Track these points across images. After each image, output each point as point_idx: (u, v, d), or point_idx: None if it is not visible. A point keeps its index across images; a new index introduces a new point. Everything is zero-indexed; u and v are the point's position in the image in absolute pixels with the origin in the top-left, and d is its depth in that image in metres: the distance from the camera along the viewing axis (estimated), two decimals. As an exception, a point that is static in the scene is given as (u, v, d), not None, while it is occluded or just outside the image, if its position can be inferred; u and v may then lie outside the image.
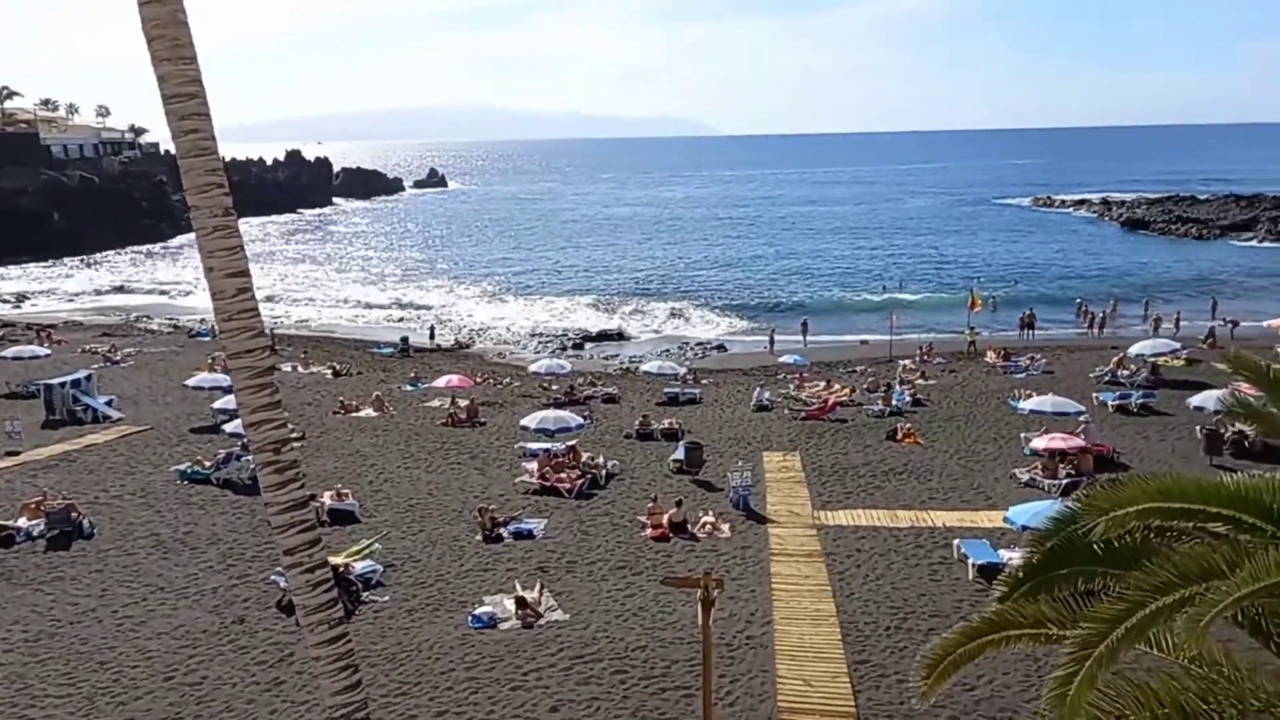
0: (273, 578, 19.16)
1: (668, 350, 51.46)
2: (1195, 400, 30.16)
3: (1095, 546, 8.20)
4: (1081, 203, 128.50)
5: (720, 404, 36.42)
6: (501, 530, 22.34)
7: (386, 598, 19.05)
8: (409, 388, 39.93)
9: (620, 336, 56.62)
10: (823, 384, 38.31)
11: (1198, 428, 28.56)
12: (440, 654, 16.64)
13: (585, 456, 27.19)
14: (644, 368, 42.73)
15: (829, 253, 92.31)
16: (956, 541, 20.83)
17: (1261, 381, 8.42)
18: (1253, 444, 26.66)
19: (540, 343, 54.76)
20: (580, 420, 30.28)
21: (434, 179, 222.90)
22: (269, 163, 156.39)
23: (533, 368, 42.13)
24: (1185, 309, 54.03)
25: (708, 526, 22.49)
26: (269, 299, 67.93)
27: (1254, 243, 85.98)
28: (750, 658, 16.38)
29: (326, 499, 23.40)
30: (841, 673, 15.77)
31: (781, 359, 46.00)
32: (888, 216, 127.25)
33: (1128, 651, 6.46)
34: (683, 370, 41.63)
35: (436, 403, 36.30)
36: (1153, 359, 38.11)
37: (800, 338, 52.99)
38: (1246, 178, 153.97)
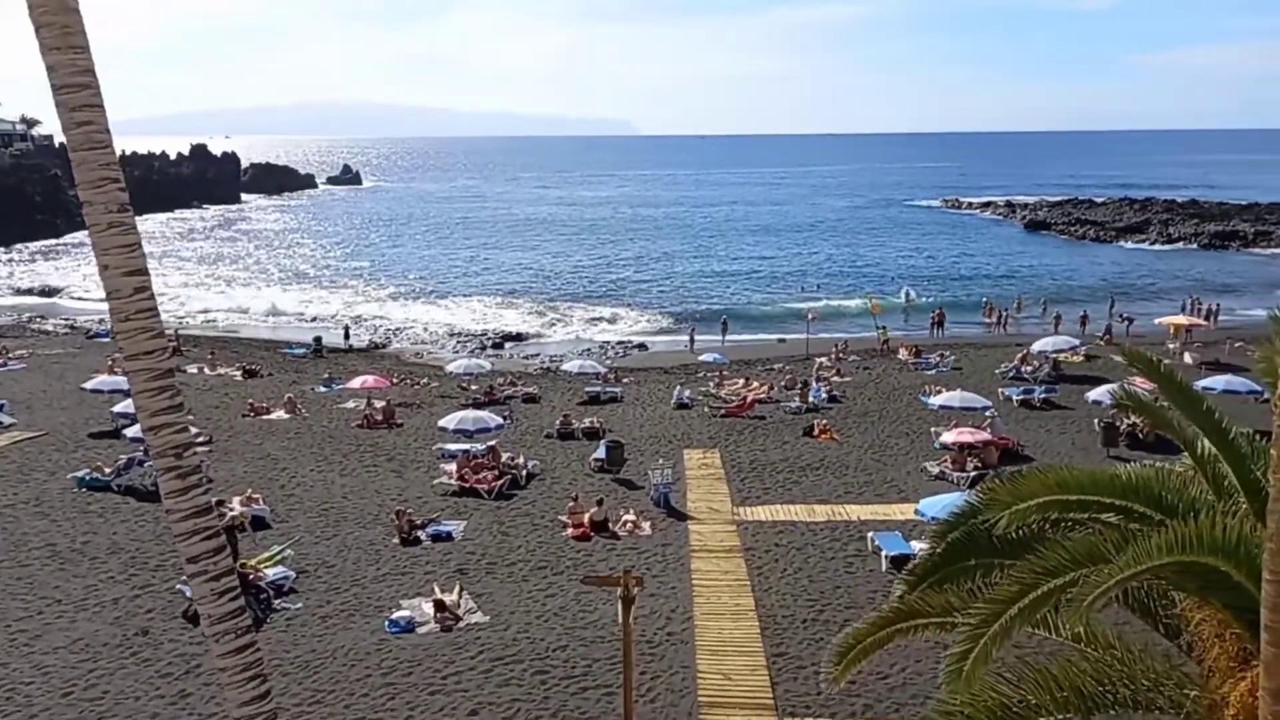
0: (178, 587, 18.47)
1: (589, 349, 51.41)
2: (1093, 394, 31.60)
3: (995, 539, 8.52)
4: (987, 205, 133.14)
5: (641, 402, 36.56)
6: (419, 533, 21.99)
7: (299, 605, 18.55)
8: (322, 389, 38.97)
9: (541, 336, 56.33)
10: (742, 382, 38.82)
11: (1095, 421, 29.90)
12: (356, 660, 16.29)
13: (505, 457, 26.97)
14: (565, 367, 42.61)
15: (748, 253, 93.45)
16: (870, 534, 21.37)
17: (1153, 375, 8.86)
18: (1146, 435, 28.02)
19: (459, 342, 54.05)
20: (500, 420, 30.03)
21: (348, 175, 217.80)
22: (173, 157, 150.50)
23: (451, 368, 41.59)
24: (1084, 307, 56.36)
25: (629, 525, 22.55)
26: (172, 298, 65.47)
27: (1146, 245, 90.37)
28: (671, 654, 16.50)
29: (236, 504, 22.67)
30: (760, 666, 16.02)
31: (701, 357, 46.43)
32: (806, 217, 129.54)
33: (1020, 632, 6.73)
34: (604, 369, 41.65)
35: (351, 404, 35.52)
36: (1054, 355, 39.76)
37: (720, 336, 53.61)
38: (1138, 182, 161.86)
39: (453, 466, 26.29)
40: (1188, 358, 40.97)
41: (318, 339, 50.61)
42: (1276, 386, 5.42)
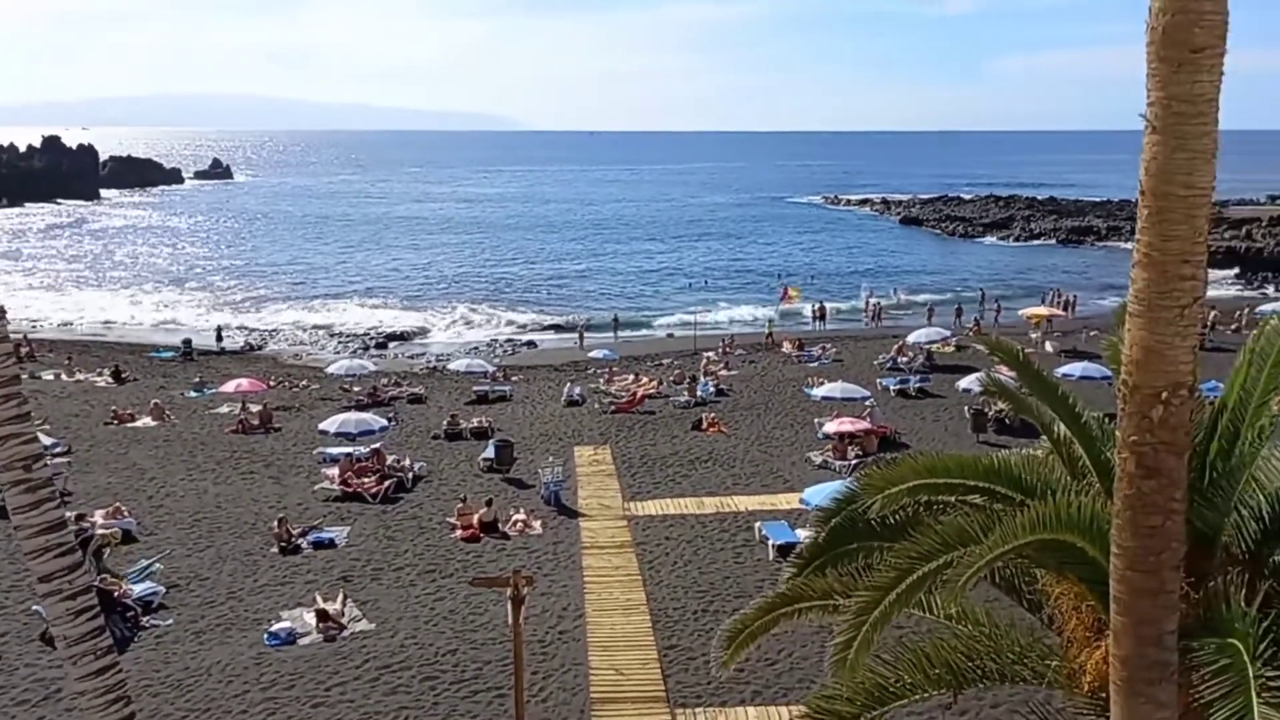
0: (35, 608, 17.26)
1: (476, 348, 50.71)
2: (962, 383, 33.16)
3: (873, 522, 8.82)
4: (864, 202, 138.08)
5: (531, 400, 36.31)
6: (300, 541, 21.23)
7: (170, 621, 17.63)
8: (193, 394, 37.15)
9: (426, 335, 55.20)
10: (631, 378, 39.03)
11: (966, 408, 31.36)
12: (233, 676, 15.59)
13: (390, 459, 26.32)
14: (452, 366, 41.87)
15: (638, 248, 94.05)
16: (758, 524, 21.82)
17: (1013, 364, 9.33)
18: (1013, 421, 29.57)
19: (340, 343, 52.42)
20: (384, 422, 29.27)
21: (218, 170, 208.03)
22: (23, 149, 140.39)
23: (332, 369, 40.29)
24: (956, 299, 58.99)
25: (519, 524, 22.36)
26: (23, 300, 61.17)
27: (1010, 240, 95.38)
28: (563, 652, 16.45)
29: (99, 517, 21.36)
30: (652, 659, 16.14)
31: (592, 354, 46.43)
32: (693, 212, 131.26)
33: (900, 615, 6.99)
34: (492, 368, 41.17)
35: (225, 409, 33.99)
36: (927, 346, 41.51)
37: (610, 333, 53.79)
38: (1002, 180, 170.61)
39: (335, 471, 25.48)
40: (1049, 346, 43.41)
41: (187, 341, 48.15)
42: (1120, 372, 5.79)
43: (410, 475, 25.79)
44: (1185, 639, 6.58)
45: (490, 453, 27.14)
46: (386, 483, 24.81)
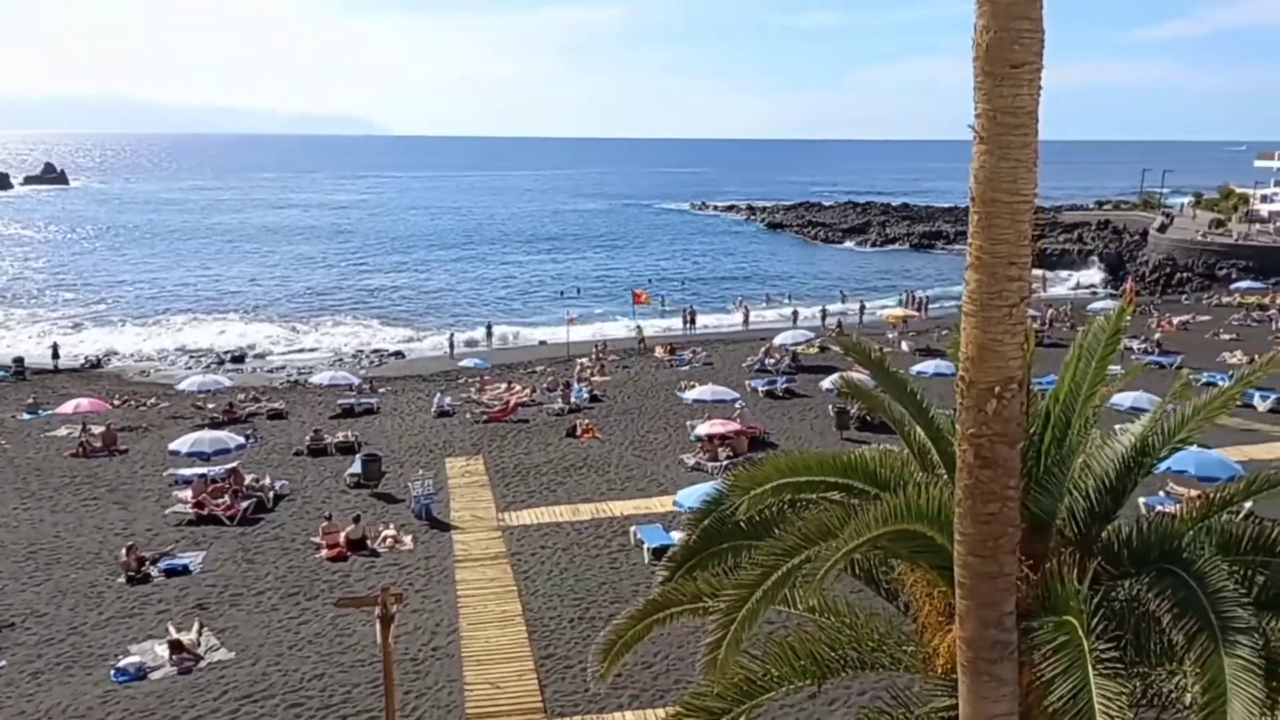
0: None
1: (340, 359, 49.02)
2: (826, 383, 34.37)
3: (742, 522, 9.00)
4: (731, 208, 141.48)
5: (400, 412, 35.37)
6: (150, 569, 19.99)
7: (3, 662, 16.26)
8: (26, 416, 34.42)
9: (287, 347, 52.92)
10: (504, 386, 38.60)
11: (830, 406, 32.51)
12: (76, 717, 14.51)
13: (249, 479, 25.14)
14: (314, 379, 40.35)
15: (509, 255, 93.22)
16: (633, 528, 21.97)
17: (866, 363, 9.72)
18: (874, 418, 30.82)
19: (192, 358, 49.62)
20: (242, 440, 27.86)
21: (51, 174, 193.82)
22: None
23: (183, 385, 38.06)
24: (820, 302, 61.14)
25: (389, 540, 21.76)
26: None
27: (867, 246, 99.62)
28: (437, 669, 16.08)
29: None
30: (529, 671, 15.98)
31: (462, 363, 45.64)
32: (564, 218, 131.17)
33: (766, 612, 7.15)
34: (357, 380, 39.88)
35: (63, 431, 31.64)
36: (793, 348, 42.82)
37: (482, 340, 53.05)
38: (860, 187, 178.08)
39: (188, 493, 24.12)
40: (904, 345, 45.54)
41: (18, 360, 44.51)
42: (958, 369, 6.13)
43: (271, 495, 24.69)
44: (1026, 619, 7.00)
45: (357, 468, 26.30)
46: (245, 503, 23.67)
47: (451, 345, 50.67)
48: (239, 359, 49.10)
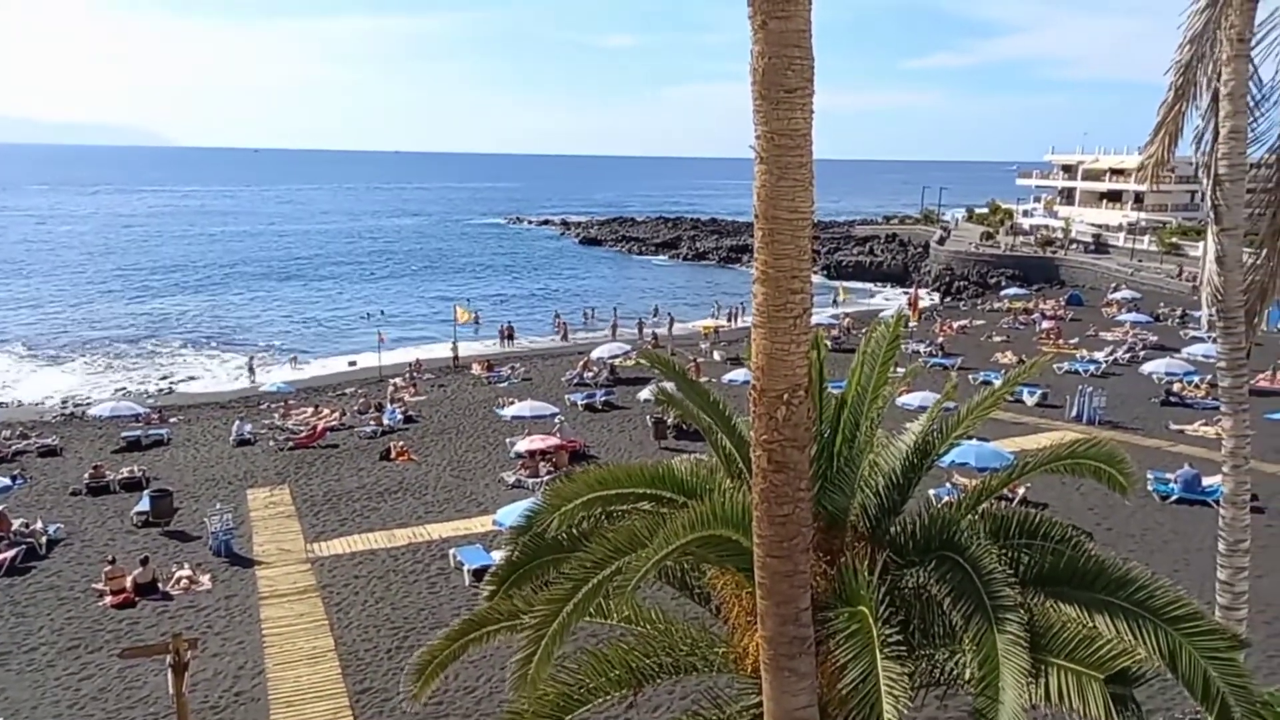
0: None
1: (125, 389, 45.12)
2: (643, 394, 35.02)
3: (559, 537, 9.00)
4: (546, 222, 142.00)
5: (194, 443, 32.94)
6: (-107, 635, 17.56)
7: None
8: None
9: (61, 375, 48.13)
10: (310, 410, 36.80)
11: (648, 417, 33.13)
12: None
13: (17, 524, 22.64)
14: (93, 411, 36.88)
15: (316, 272, 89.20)
16: (453, 551, 21.49)
17: (670, 374, 9.99)
18: (689, 426, 31.68)
19: (-55, 393, 44.24)
20: (7, 481, 25.11)
21: None
22: None
23: (-65, 424, 33.86)
24: (636, 315, 62.19)
25: (184, 581, 20.19)
26: None
27: (679, 260, 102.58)
28: (241, 714, 15.08)
29: None
30: (343, 708, 15.29)
31: (264, 387, 43.17)
32: (374, 234, 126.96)
33: (580, 624, 7.17)
34: (145, 409, 36.84)
35: None
36: (610, 361, 43.35)
37: (286, 363, 50.43)
38: (670, 203, 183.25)
39: (-59, 545, 21.42)
40: (716, 355, 47.12)
41: None
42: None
43: (44, 540, 22.32)
44: (823, 611, 7.41)
45: (145, 505, 24.26)
46: (12, 551, 21.28)
47: (252, 369, 47.78)
48: None
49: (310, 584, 20.24)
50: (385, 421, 34.04)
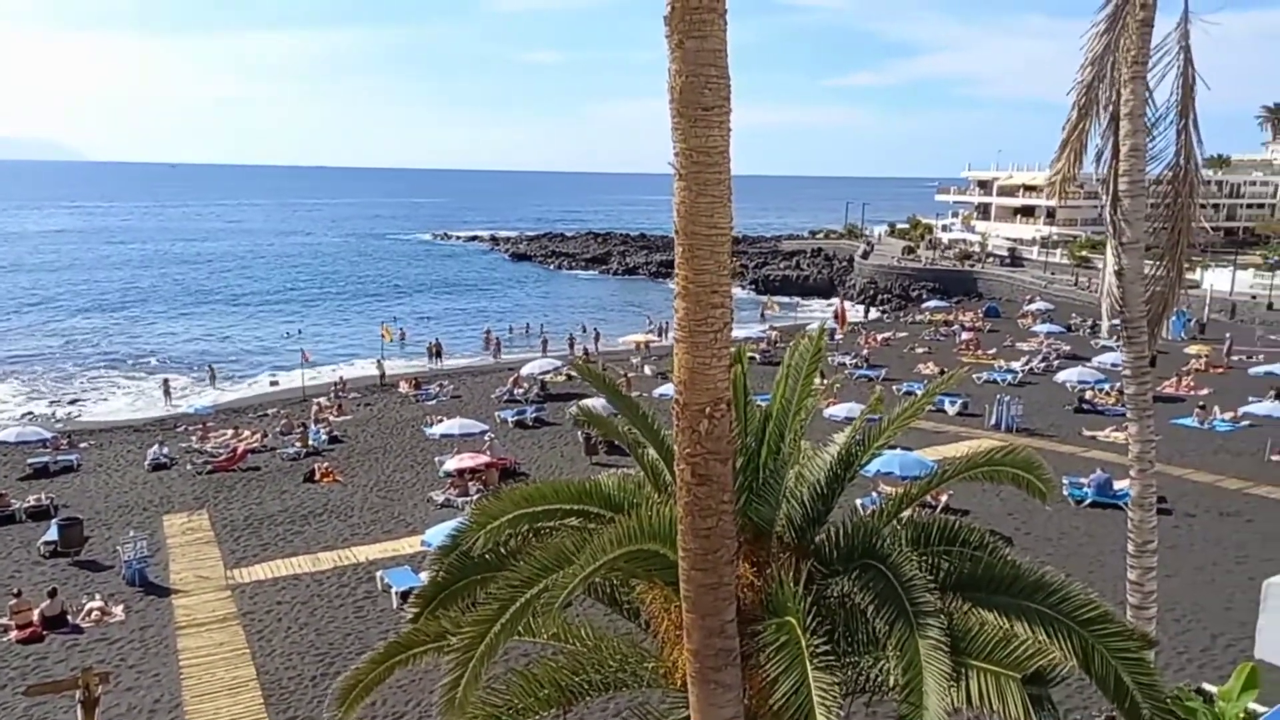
0: None
1: (30, 414, 43.18)
2: (573, 409, 34.84)
3: (487, 556, 8.88)
4: (474, 238, 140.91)
5: (106, 468, 31.66)
6: None
7: None
8: None
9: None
10: (230, 432, 35.72)
11: (579, 433, 33.00)
12: None
13: (-89, 558, 21.43)
14: (-3, 437, 35.19)
15: (238, 288, 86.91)
16: (380, 573, 21.06)
17: (601, 388, 9.98)
18: (621, 441, 31.66)
19: None
20: (-99, 513, 23.78)
21: None
22: None
23: None
24: (566, 330, 62.02)
25: (95, 613, 19.36)
26: None
27: (610, 275, 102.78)
28: (156, 751, 14.46)
29: None
30: (265, 738, 14.78)
31: (181, 409, 41.79)
32: (299, 251, 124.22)
33: (507, 644, 7.08)
34: (52, 434, 35.28)
35: None
36: (540, 377, 43.12)
37: (205, 384, 48.93)
38: (598, 218, 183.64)
39: None
40: (647, 369, 47.25)
41: None
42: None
43: (-59, 575, 21.18)
44: (752, 624, 7.45)
45: (53, 534, 23.20)
46: (-94, 588, 20.11)
47: (168, 391, 46.16)
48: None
49: (230, 612, 19.60)
50: (309, 442, 33.24)
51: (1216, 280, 62.51)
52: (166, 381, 47.33)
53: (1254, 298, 61.30)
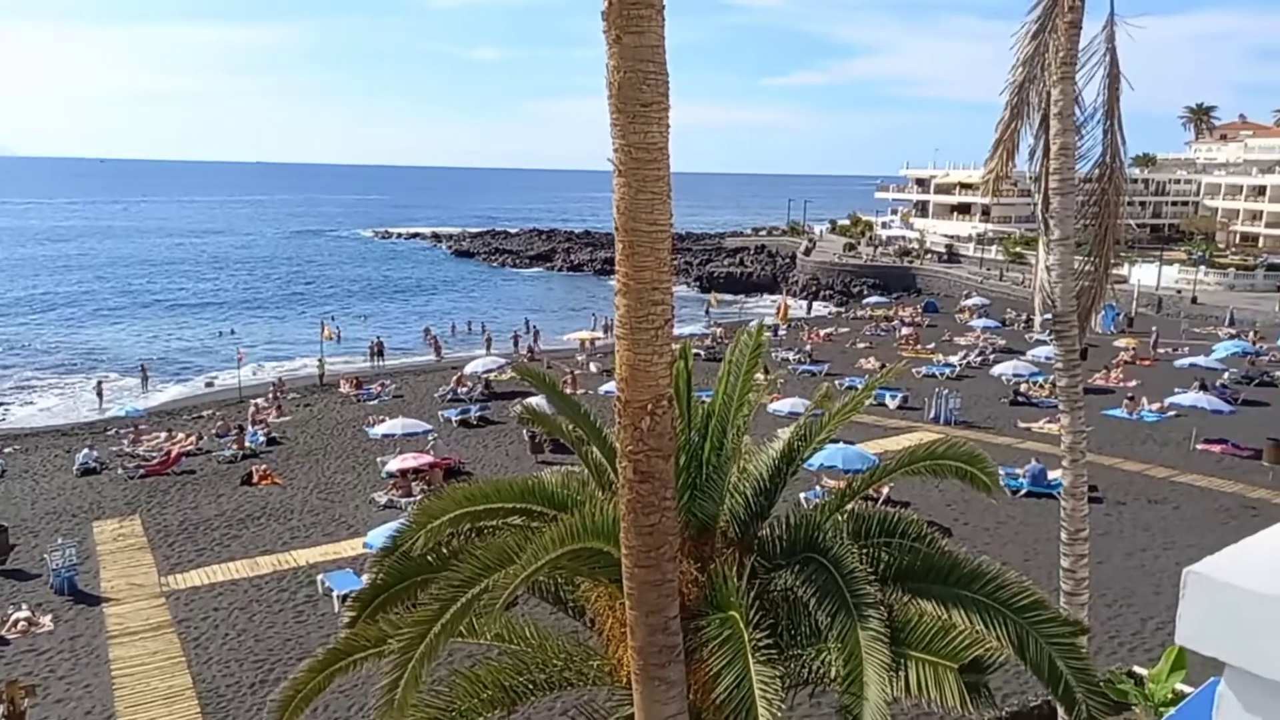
0: None
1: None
2: (518, 408, 34.65)
3: (428, 557, 8.76)
4: (415, 235, 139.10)
5: (32, 473, 30.58)
6: None
7: None
8: None
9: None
10: (164, 434, 34.73)
11: (524, 431, 32.80)
12: None
13: None
14: (-85, 443, 33.77)
15: (168, 287, 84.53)
16: (320, 576, 20.71)
17: (541, 387, 9.92)
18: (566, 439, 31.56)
19: None
20: None
21: None
22: None
23: None
24: (511, 328, 61.58)
25: (21, 624, 18.71)
26: None
27: (554, 271, 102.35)
28: (87, 765, 14.01)
29: None
30: (202, 749, 14.43)
31: (112, 412, 40.53)
32: (235, 248, 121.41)
33: (451, 645, 7.00)
34: (-25, 440, 33.98)
35: None
36: (484, 375, 42.74)
37: (136, 382, 47.52)
38: (542, 214, 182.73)
39: None
40: (593, 366, 47.19)
41: None
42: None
43: None
44: (695, 619, 7.47)
45: (-24, 544, 22.34)
46: None
47: (100, 394, 44.73)
48: None
49: (165, 619, 19.09)
50: (247, 444, 32.50)
51: (1144, 275, 64.66)
52: (100, 383, 45.86)
53: (1179, 292, 63.59)
